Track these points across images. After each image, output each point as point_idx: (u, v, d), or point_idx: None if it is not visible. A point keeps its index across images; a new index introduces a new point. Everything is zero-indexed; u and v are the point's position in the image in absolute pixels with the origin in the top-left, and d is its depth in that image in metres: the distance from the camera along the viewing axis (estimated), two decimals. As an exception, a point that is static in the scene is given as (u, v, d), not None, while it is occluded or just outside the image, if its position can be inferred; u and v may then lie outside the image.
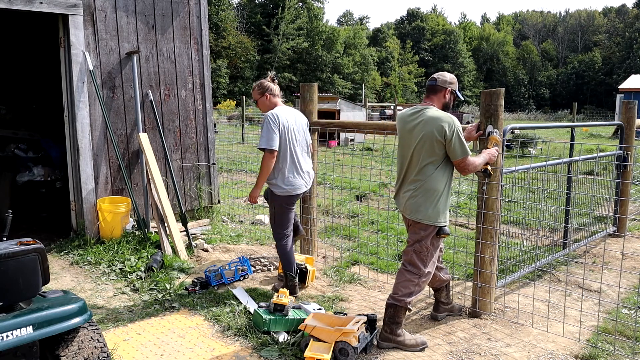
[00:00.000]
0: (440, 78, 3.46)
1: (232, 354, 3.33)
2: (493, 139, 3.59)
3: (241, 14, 53.03)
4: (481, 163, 3.39)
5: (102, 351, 2.70)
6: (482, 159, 3.41)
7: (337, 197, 8.04)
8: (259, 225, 6.58)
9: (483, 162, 3.41)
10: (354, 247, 5.60)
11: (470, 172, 3.36)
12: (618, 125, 5.93)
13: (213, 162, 6.58)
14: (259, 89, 4.21)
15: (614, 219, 6.15)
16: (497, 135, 3.60)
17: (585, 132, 21.71)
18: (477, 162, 3.36)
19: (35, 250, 2.52)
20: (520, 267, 4.61)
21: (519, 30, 76.36)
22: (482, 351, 3.37)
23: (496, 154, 3.55)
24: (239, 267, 4.56)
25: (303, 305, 3.78)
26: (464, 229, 6.40)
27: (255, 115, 30.80)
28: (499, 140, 3.61)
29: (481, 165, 3.40)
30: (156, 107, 5.91)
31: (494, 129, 3.64)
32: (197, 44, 6.28)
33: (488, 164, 3.47)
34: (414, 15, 70.03)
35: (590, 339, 3.54)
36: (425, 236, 3.38)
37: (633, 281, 4.75)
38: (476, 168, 3.36)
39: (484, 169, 3.46)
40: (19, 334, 2.36)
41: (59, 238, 5.66)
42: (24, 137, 7.34)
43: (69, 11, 5.17)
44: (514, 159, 8.60)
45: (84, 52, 5.30)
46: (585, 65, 62.98)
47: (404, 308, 3.39)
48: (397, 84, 60.35)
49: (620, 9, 70.08)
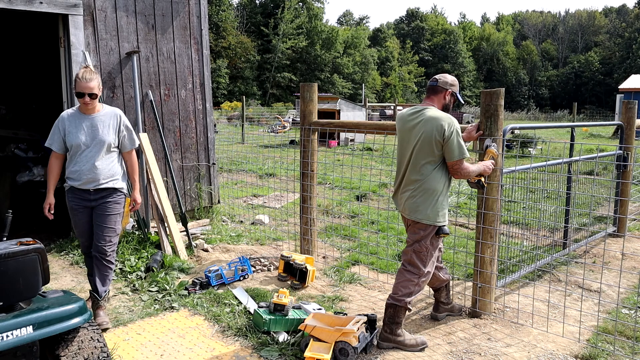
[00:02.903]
0: (441, 79, 3.47)
1: (232, 354, 3.33)
2: (490, 152, 3.60)
3: (241, 14, 53.06)
4: (475, 171, 3.39)
5: (102, 351, 2.70)
6: (476, 167, 3.42)
7: (337, 197, 8.04)
8: (259, 225, 6.58)
9: (477, 172, 3.42)
10: (354, 247, 5.60)
11: (462, 176, 3.36)
12: (618, 125, 5.93)
13: (213, 162, 6.58)
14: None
15: (614, 219, 6.15)
16: (494, 149, 3.61)
17: (585, 132, 21.71)
18: (471, 168, 3.36)
19: (35, 250, 2.52)
20: (520, 267, 4.61)
21: (519, 30, 76.37)
22: (482, 351, 3.37)
23: (492, 167, 3.55)
24: (239, 267, 4.56)
25: (303, 305, 3.78)
26: (464, 229, 6.40)
27: (255, 115, 30.83)
28: (496, 154, 3.62)
29: (475, 174, 3.41)
30: (156, 107, 5.91)
31: (492, 142, 3.66)
32: (197, 44, 6.28)
33: (482, 176, 3.47)
34: (413, 15, 70.05)
35: (590, 339, 3.53)
36: (424, 236, 3.38)
37: (633, 281, 4.75)
38: (469, 174, 3.36)
39: (478, 180, 3.47)
40: (19, 334, 2.36)
41: (59, 238, 5.66)
42: (24, 137, 7.34)
43: (69, 11, 5.17)
44: (514, 159, 8.61)
45: (84, 52, 5.30)
46: (585, 65, 63.00)
47: (403, 308, 3.40)
48: (397, 84, 60.35)
49: (620, 9, 70.09)
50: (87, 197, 3.67)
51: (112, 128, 3.71)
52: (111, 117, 3.73)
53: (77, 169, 3.63)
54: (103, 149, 3.65)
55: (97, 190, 3.67)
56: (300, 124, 5.12)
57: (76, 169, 3.63)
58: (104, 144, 3.65)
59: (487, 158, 3.59)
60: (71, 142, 3.61)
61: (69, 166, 3.68)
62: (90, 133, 3.63)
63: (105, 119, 3.71)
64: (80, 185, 3.64)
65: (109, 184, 3.70)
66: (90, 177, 3.62)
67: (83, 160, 3.62)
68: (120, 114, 3.79)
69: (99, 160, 3.63)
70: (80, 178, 3.62)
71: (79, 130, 3.62)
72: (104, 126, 3.68)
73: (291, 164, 9.15)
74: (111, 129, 3.70)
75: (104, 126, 3.68)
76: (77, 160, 3.63)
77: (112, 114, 3.75)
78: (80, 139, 3.60)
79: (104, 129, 3.67)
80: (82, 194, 3.67)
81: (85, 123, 3.64)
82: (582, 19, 71.66)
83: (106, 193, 3.71)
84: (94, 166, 3.62)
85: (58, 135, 3.67)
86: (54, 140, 3.69)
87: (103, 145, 3.64)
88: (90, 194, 3.66)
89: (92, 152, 3.62)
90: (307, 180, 5.02)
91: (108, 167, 3.69)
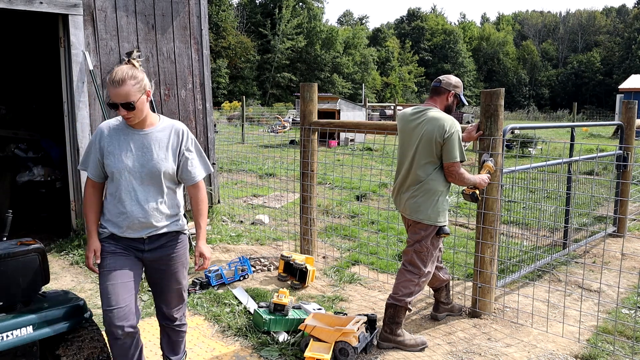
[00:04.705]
0: (445, 80, 3.47)
1: (232, 354, 3.33)
2: (487, 167, 3.61)
3: (241, 14, 53.08)
4: (469, 179, 3.39)
5: (102, 351, 2.69)
6: (472, 177, 3.42)
7: (337, 197, 8.04)
8: (259, 225, 6.58)
9: (471, 181, 3.41)
10: (354, 247, 5.60)
11: (456, 179, 3.35)
12: (618, 125, 5.93)
13: (213, 162, 6.58)
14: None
15: (614, 219, 6.15)
16: (491, 164, 3.62)
17: (585, 132, 21.71)
18: (466, 175, 3.36)
19: (35, 250, 2.52)
20: (520, 267, 4.61)
21: (519, 30, 76.39)
22: (482, 351, 3.37)
23: (487, 181, 3.55)
24: (239, 267, 4.56)
25: (303, 305, 3.78)
26: (464, 229, 6.40)
27: (255, 115, 30.84)
28: (493, 169, 3.62)
29: (469, 182, 3.41)
30: (156, 107, 5.91)
31: (489, 157, 3.66)
32: (197, 44, 6.28)
33: (477, 189, 3.47)
34: (414, 15, 70.08)
35: (590, 339, 3.54)
36: (425, 236, 3.38)
37: (633, 281, 4.75)
38: (463, 180, 3.36)
39: (472, 192, 3.46)
40: (19, 334, 2.36)
41: (59, 238, 5.66)
42: (24, 137, 7.34)
43: (69, 11, 5.17)
44: (514, 159, 8.61)
45: (84, 52, 5.30)
46: (585, 65, 63.02)
47: (404, 308, 3.40)
48: (397, 84, 60.37)
49: (620, 9, 70.11)
50: (138, 246, 2.57)
51: (171, 150, 2.56)
52: (171, 133, 2.58)
53: (121, 209, 2.51)
54: (160, 180, 2.54)
55: (152, 238, 2.57)
56: (300, 124, 5.12)
57: (120, 209, 2.51)
58: (159, 172, 2.51)
59: (483, 172, 3.60)
60: (112, 167, 2.49)
61: (109, 203, 2.56)
62: (141, 157, 2.50)
63: (163, 137, 2.56)
64: (127, 234, 2.54)
65: (170, 227, 2.62)
66: (142, 222, 2.52)
67: (130, 196, 2.50)
68: (184, 129, 2.63)
69: (153, 195, 2.54)
70: (126, 224, 2.51)
71: (124, 151, 2.50)
72: (160, 147, 2.54)
73: (291, 164, 9.15)
74: (170, 152, 2.56)
75: (160, 147, 2.54)
76: (122, 195, 2.51)
77: (171, 128, 2.60)
78: (126, 164, 2.48)
79: (159, 151, 2.53)
80: (129, 243, 2.56)
81: (133, 142, 2.52)
82: (582, 19, 71.69)
83: (166, 240, 2.62)
84: (147, 205, 2.52)
85: (94, 155, 2.55)
86: (89, 162, 2.58)
87: (159, 174, 2.52)
88: (142, 243, 2.57)
89: (143, 183, 2.51)
90: (307, 180, 5.02)
91: (168, 205, 2.59)
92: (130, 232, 2.53)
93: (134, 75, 2.46)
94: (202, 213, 2.75)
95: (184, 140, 2.60)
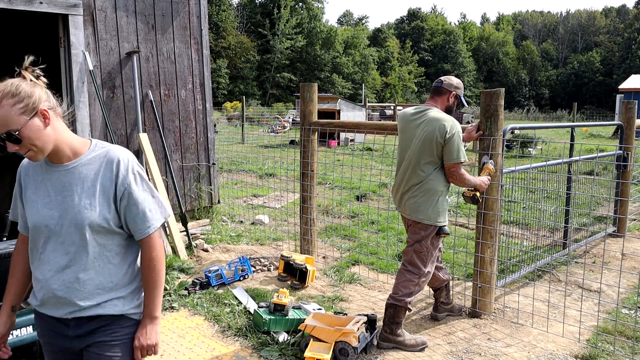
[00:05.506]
0: (446, 81, 3.47)
1: (232, 354, 3.33)
2: (487, 169, 3.61)
3: (241, 14, 53.12)
4: (469, 179, 3.39)
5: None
6: (472, 178, 3.42)
7: (337, 197, 8.04)
8: (259, 225, 6.58)
9: (472, 182, 3.41)
10: (354, 247, 5.60)
11: (457, 180, 3.35)
12: (618, 125, 5.93)
13: (213, 162, 6.58)
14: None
15: (614, 219, 6.15)
16: (491, 166, 3.62)
17: (585, 132, 21.72)
18: (467, 176, 3.37)
19: (35, 251, 2.51)
20: (520, 267, 4.61)
21: (519, 30, 76.43)
22: (482, 351, 3.37)
23: (488, 183, 3.55)
24: (239, 267, 4.56)
25: (303, 305, 3.78)
26: (464, 229, 6.40)
27: (255, 115, 30.85)
28: (493, 171, 3.62)
29: (469, 183, 3.41)
30: (156, 107, 5.91)
31: (489, 159, 3.67)
32: (197, 44, 6.28)
33: (477, 191, 3.48)
34: (414, 15, 70.11)
35: (590, 339, 3.54)
36: (425, 236, 3.38)
37: (633, 281, 4.75)
38: (463, 181, 3.36)
39: (473, 194, 3.47)
40: (19, 334, 2.36)
41: (59, 238, 5.65)
42: (24, 137, 7.33)
43: (69, 11, 5.17)
44: (513, 159, 8.61)
45: (84, 52, 5.30)
46: (585, 65, 63.05)
47: (404, 308, 3.40)
48: (397, 84, 60.39)
49: (620, 9, 70.13)
50: (61, 330, 1.78)
51: (100, 190, 1.72)
52: (101, 166, 1.74)
53: (37, 275, 1.76)
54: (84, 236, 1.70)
55: (78, 321, 1.76)
56: (300, 124, 5.12)
57: (36, 275, 1.77)
58: (82, 225, 1.69)
59: (483, 174, 3.60)
60: (29, 221, 1.76)
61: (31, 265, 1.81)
62: (61, 203, 1.71)
63: (89, 173, 1.73)
64: (45, 310, 1.78)
65: (104, 308, 1.75)
66: (59, 298, 1.72)
67: (47, 259, 1.73)
68: (121, 158, 1.75)
69: (75, 259, 1.71)
70: (40, 296, 1.76)
71: (41, 197, 1.75)
72: (84, 187, 1.72)
73: (291, 164, 9.15)
74: (99, 193, 1.72)
75: (85, 187, 1.72)
76: (39, 256, 1.75)
77: (102, 159, 1.75)
78: (42, 215, 1.72)
79: (83, 194, 1.71)
80: (54, 325, 1.79)
81: (51, 182, 1.75)
82: (582, 19, 71.72)
83: (98, 325, 1.77)
84: (64, 273, 1.72)
85: (19, 202, 1.86)
86: (17, 211, 1.89)
87: (82, 227, 1.69)
88: (67, 326, 1.77)
89: (65, 242, 1.71)
90: (307, 180, 5.02)
91: (98, 273, 1.74)
92: (48, 309, 1.76)
93: (13, 92, 1.67)
94: (153, 280, 1.80)
95: (120, 175, 1.72)
